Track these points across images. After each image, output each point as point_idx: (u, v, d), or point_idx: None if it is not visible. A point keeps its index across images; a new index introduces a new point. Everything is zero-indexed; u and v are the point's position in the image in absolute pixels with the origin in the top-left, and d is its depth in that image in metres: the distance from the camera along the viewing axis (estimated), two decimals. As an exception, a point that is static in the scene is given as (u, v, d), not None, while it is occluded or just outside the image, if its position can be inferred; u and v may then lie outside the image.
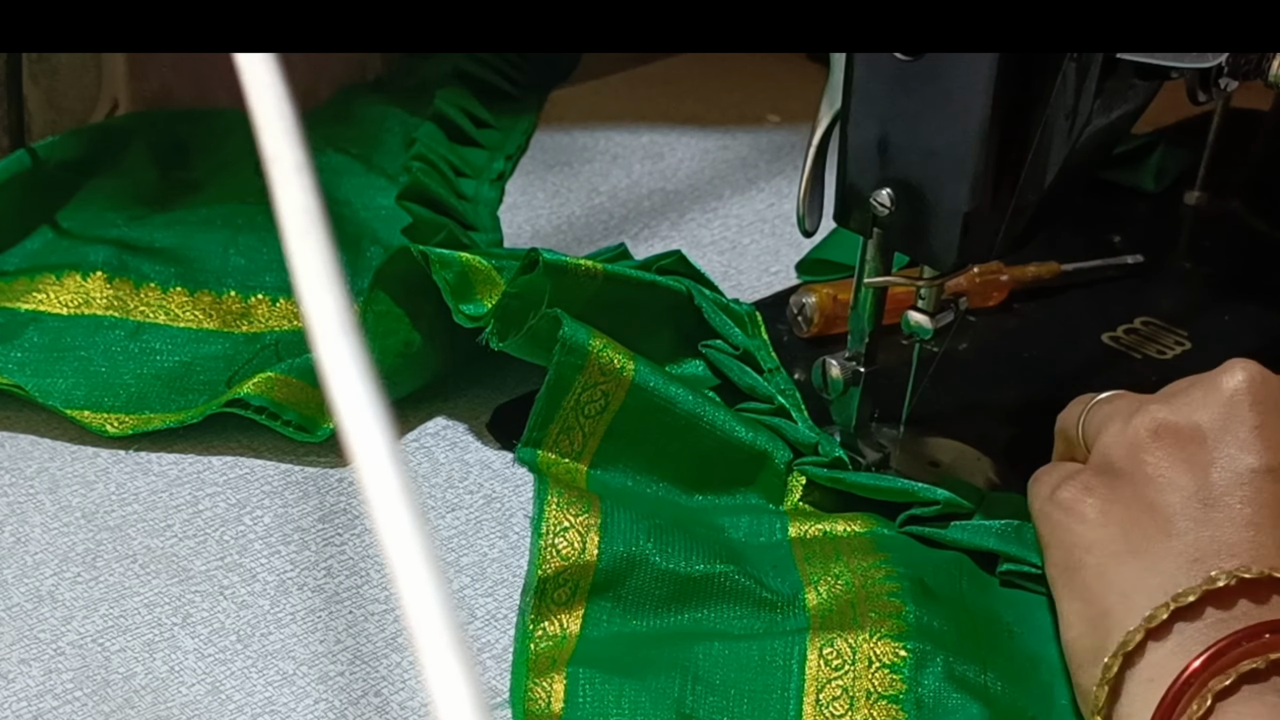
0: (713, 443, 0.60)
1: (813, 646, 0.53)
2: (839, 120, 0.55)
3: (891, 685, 0.52)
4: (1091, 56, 0.52)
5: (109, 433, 0.62)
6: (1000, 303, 0.73)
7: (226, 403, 0.61)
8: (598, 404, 0.60)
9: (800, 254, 0.77)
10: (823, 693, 0.52)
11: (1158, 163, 0.84)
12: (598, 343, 0.59)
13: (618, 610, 0.55)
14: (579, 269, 0.62)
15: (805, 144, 0.58)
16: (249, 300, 0.69)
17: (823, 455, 0.60)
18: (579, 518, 0.56)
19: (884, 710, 0.51)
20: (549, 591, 0.55)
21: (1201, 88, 0.53)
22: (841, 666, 0.53)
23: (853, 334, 0.60)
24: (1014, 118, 0.52)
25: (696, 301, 0.65)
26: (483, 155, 0.84)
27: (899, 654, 0.53)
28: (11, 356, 0.65)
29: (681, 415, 0.60)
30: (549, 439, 0.60)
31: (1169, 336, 0.72)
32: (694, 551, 0.56)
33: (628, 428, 0.60)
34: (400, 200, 0.76)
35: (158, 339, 0.67)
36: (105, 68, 0.81)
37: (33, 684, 0.51)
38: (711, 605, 0.56)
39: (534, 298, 0.61)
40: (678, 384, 0.61)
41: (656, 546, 0.56)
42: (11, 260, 0.72)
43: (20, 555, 0.57)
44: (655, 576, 0.56)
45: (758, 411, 0.63)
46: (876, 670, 0.52)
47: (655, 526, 0.56)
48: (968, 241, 0.54)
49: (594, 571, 0.55)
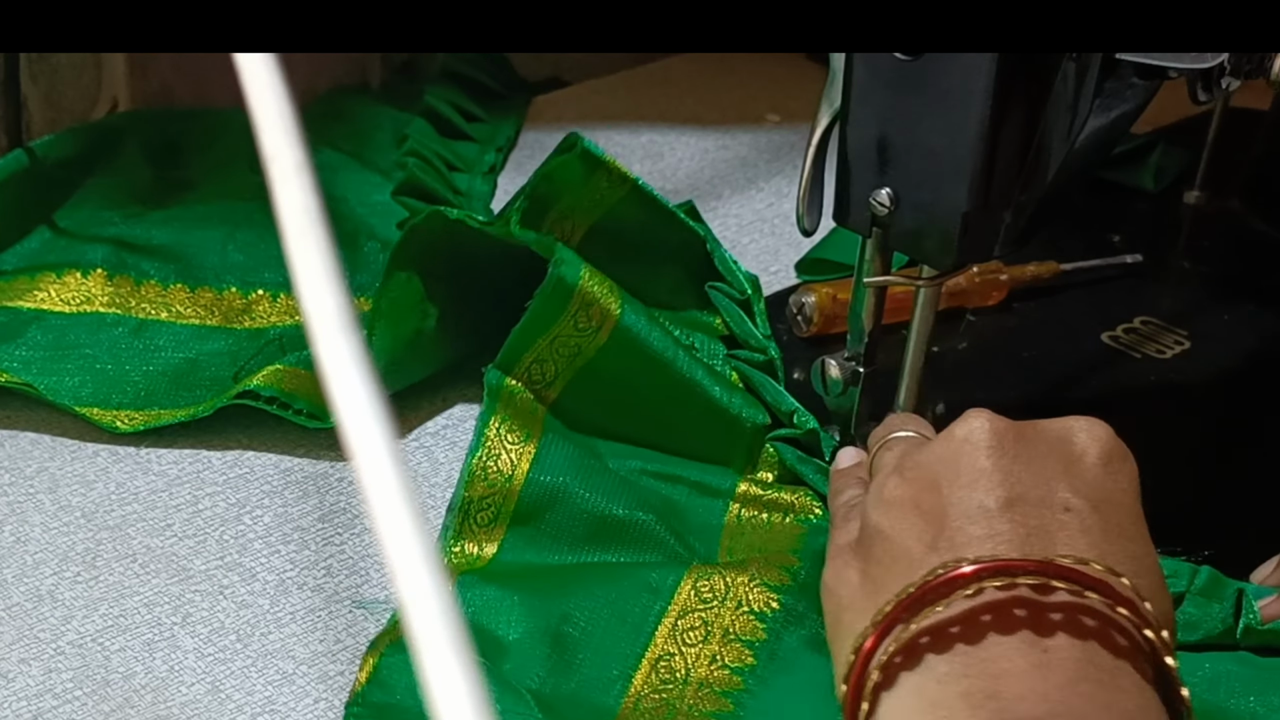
0: (686, 397, 0.60)
1: (690, 578, 0.54)
2: (838, 120, 0.55)
3: (753, 631, 0.53)
4: (1091, 56, 0.52)
5: (119, 429, 0.62)
6: (1000, 302, 0.73)
7: (237, 395, 0.62)
8: (578, 339, 0.60)
9: (800, 253, 0.77)
10: (683, 620, 0.53)
11: (1157, 162, 0.84)
12: (588, 280, 0.60)
13: (534, 543, 0.57)
14: (613, 167, 0.62)
15: (805, 144, 0.58)
16: (249, 296, 0.70)
17: (798, 426, 0.60)
18: (515, 445, 0.58)
19: (734, 650, 0.52)
20: (472, 513, 0.56)
21: (1203, 87, 0.53)
22: (711, 601, 0.54)
23: (852, 333, 0.60)
24: (1013, 118, 0.52)
25: (709, 246, 0.65)
26: (473, 149, 0.85)
27: (771, 604, 0.53)
28: (17, 355, 0.65)
29: (660, 364, 0.60)
30: (520, 366, 0.60)
31: (1168, 336, 0.72)
32: (619, 496, 0.57)
33: (604, 366, 0.60)
34: (396, 195, 0.77)
35: (161, 336, 0.67)
36: (105, 67, 0.81)
37: (32, 683, 0.51)
38: (623, 550, 0.57)
39: (565, 182, 0.62)
40: (664, 335, 0.61)
41: (584, 484, 0.57)
42: (10, 259, 0.72)
43: (20, 554, 0.57)
44: (574, 515, 0.57)
45: (749, 361, 0.63)
46: (743, 613, 0.53)
47: (589, 466, 0.57)
48: (967, 241, 0.54)
49: (517, 499, 0.57)
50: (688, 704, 0.51)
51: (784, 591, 0.54)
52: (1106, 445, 0.47)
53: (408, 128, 0.83)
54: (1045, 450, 0.47)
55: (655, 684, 0.52)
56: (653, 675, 0.52)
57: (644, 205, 0.64)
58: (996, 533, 0.45)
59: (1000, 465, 0.46)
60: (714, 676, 0.52)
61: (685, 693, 0.51)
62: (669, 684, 0.52)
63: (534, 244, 0.61)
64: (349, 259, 0.73)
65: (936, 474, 0.47)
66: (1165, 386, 0.68)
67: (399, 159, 0.80)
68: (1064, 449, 0.47)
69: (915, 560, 0.45)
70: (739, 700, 0.51)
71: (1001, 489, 0.45)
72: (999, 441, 0.46)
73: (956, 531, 0.45)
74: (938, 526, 0.45)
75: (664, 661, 0.52)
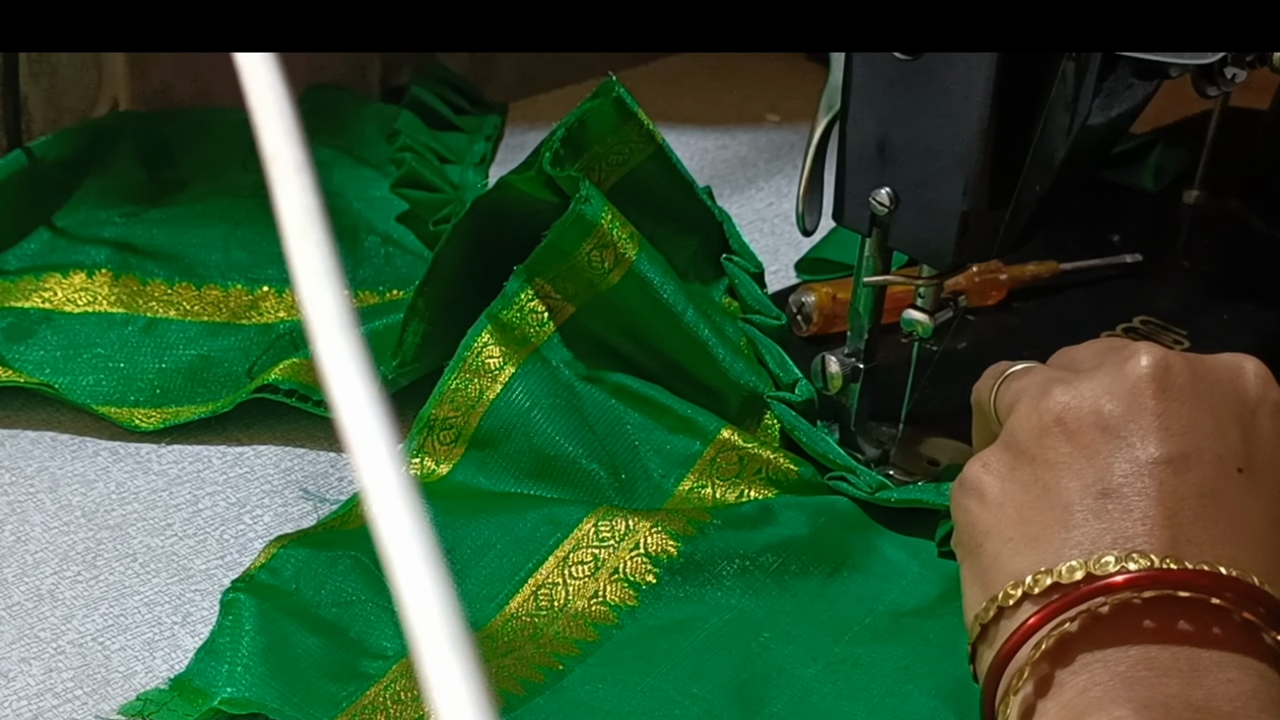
0: (688, 351, 0.61)
1: (593, 516, 0.55)
2: (838, 120, 0.55)
3: (642, 574, 0.53)
4: (1090, 55, 0.52)
5: (139, 427, 0.62)
6: (999, 302, 0.73)
7: (256, 389, 0.62)
8: (591, 275, 0.61)
9: (800, 253, 0.77)
10: (574, 554, 0.54)
11: (1156, 162, 0.84)
12: (610, 221, 0.60)
13: (485, 468, 0.58)
14: (642, 121, 0.63)
15: (804, 143, 0.58)
16: (255, 293, 0.70)
17: (799, 394, 0.60)
18: (490, 373, 0.59)
19: (619, 588, 0.53)
20: (436, 430, 0.58)
21: (1207, 81, 0.53)
22: (606, 540, 0.54)
23: (852, 332, 0.60)
24: (1013, 117, 0.52)
25: (727, 229, 0.66)
26: (462, 139, 0.85)
27: (668, 550, 0.54)
28: (31, 356, 0.65)
29: (667, 315, 0.60)
30: (545, 276, 0.61)
31: (1168, 335, 0.72)
32: (576, 436, 0.58)
33: (616, 302, 0.61)
34: (396, 189, 0.77)
35: (172, 333, 0.67)
36: (105, 67, 0.81)
37: (33, 682, 0.51)
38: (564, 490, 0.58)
39: (598, 128, 0.62)
40: (678, 290, 0.61)
41: (546, 419, 0.58)
42: (12, 260, 0.72)
43: (20, 554, 0.57)
44: (526, 449, 0.58)
45: (761, 327, 0.63)
46: (637, 555, 0.54)
47: (554, 405, 0.58)
48: (966, 240, 0.54)
49: (478, 424, 0.58)
50: (555, 630, 0.52)
51: (686, 541, 0.54)
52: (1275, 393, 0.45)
53: (394, 122, 0.84)
54: (1218, 393, 0.45)
55: (531, 609, 0.53)
56: (531, 600, 0.53)
57: (666, 172, 0.65)
58: (1167, 492, 0.43)
59: (1172, 410, 0.44)
60: (591, 610, 0.53)
61: (558, 620, 0.52)
62: (544, 610, 0.53)
63: (561, 180, 0.61)
64: (349, 254, 0.73)
65: (1102, 409, 0.44)
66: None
67: (392, 154, 0.81)
68: (1238, 392, 0.45)
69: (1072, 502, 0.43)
70: (607, 633, 0.52)
71: (1175, 441, 0.43)
72: (1172, 381, 0.44)
73: (1123, 482, 0.43)
74: (1101, 470, 0.43)
75: (545, 590, 0.53)
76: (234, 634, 0.50)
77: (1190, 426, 0.44)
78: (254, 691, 0.49)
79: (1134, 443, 0.43)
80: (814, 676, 0.51)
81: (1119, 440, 0.44)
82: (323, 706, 0.48)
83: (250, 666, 0.49)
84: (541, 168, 0.60)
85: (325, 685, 0.49)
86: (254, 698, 0.48)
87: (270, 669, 0.49)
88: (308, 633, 0.51)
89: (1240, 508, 0.43)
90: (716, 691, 0.50)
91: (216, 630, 0.51)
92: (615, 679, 0.50)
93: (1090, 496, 0.43)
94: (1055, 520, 0.44)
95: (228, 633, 0.51)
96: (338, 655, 0.50)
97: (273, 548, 0.54)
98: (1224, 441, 0.44)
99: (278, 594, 0.52)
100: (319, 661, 0.50)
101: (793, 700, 0.50)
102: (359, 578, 0.53)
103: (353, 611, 0.52)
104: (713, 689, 0.50)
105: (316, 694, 0.49)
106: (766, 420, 0.61)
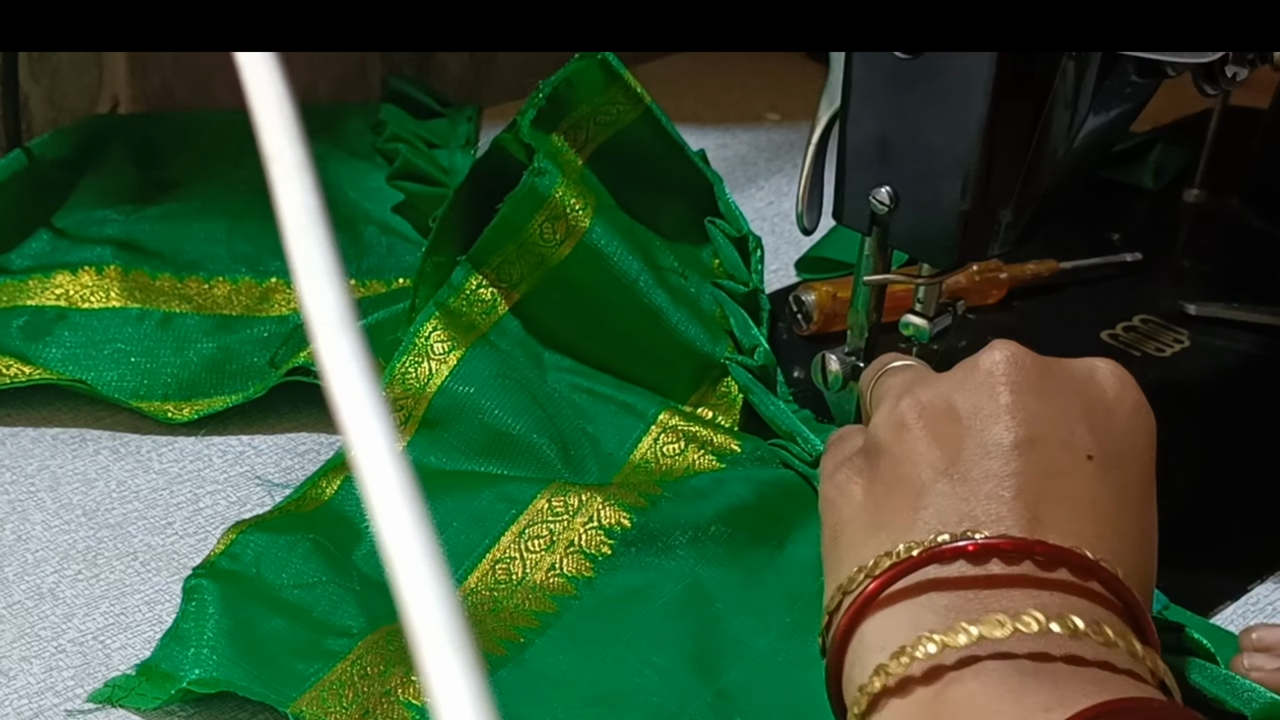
0: (640, 319, 0.62)
1: (546, 492, 0.56)
2: (838, 118, 0.55)
3: (598, 546, 0.54)
4: (1090, 54, 0.52)
5: (172, 419, 0.63)
6: (999, 300, 0.74)
7: (287, 372, 0.62)
8: (542, 249, 0.61)
9: (800, 252, 0.77)
10: (531, 528, 0.55)
11: (1156, 161, 0.84)
12: (563, 194, 0.61)
13: (436, 447, 0.59)
14: (630, 83, 0.64)
15: (805, 142, 0.58)
16: (264, 285, 0.71)
17: (757, 359, 0.61)
18: (440, 355, 0.60)
19: (575, 560, 0.54)
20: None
21: (1207, 80, 0.53)
22: (562, 514, 0.55)
23: (852, 331, 0.60)
24: (1013, 116, 0.52)
25: (717, 191, 0.66)
26: (445, 123, 0.86)
27: (622, 522, 0.55)
28: (52, 354, 0.66)
29: (619, 284, 0.61)
30: (489, 265, 0.62)
31: (1168, 334, 0.72)
32: (524, 414, 0.59)
33: (568, 278, 0.62)
34: (393, 180, 0.77)
35: (189, 327, 0.68)
36: (106, 66, 0.81)
37: (34, 681, 0.51)
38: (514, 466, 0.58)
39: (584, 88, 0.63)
40: (631, 257, 0.62)
41: (493, 400, 0.59)
42: (19, 259, 0.72)
43: (21, 553, 0.57)
44: (476, 427, 0.59)
45: (730, 292, 0.64)
46: (592, 528, 0.55)
47: (503, 386, 0.59)
48: (967, 239, 0.54)
49: (428, 405, 0.59)
50: (514, 604, 0.52)
51: (638, 513, 0.55)
52: (1133, 393, 0.47)
53: (377, 114, 0.85)
54: (1069, 389, 0.46)
55: (490, 583, 0.54)
56: (489, 575, 0.54)
57: (655, 132, 0.65)
58: (1013, 471, 0.44)
59: (1022, 401, 0.45)
60: (549, 582, 0.53)
61: (516, 593, 0.53)
62: (502, 584, 0.54)
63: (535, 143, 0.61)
64: (351, 245, 0.74)
65: (954, 402, 0.46)
66: (1164, 385, 0.68)
67: (381, 145, 0.82)
68: (1088, 390, 0.46)
69: (923, 486, 0.45)
70: (566, 604, 0.53)
71: (1023, 427, 0.44)
72: (1022, 375, 0.45)
73: (971, 464, 0.44)
74: (952, 456, 0.45)
75: (502, 564, 0.54)
76: (198, 618, 0.51)
77: (1038, 415, 0.45)
78: (221, 671, 0.49)
79: (983, 429, 0.45)
80: (768, 646, 0.52)
81: (969, 428, 0.45)
82: (291, 684, 0.49)
83: (216, 648, 0.49)
84: (518, 133, 0.62)
85: (292, 663, 0.49)
86: (222, 677, 0.49)
87: (237, 650, 0.49)
88: (272, 614, 0.51)
89: (1088, 491, 0.44)
90: (677, 660, 0.51)
91: (180, 616, 0.52)
92: (576, 649, 0.51)
93: (941, 480, 0.45)
94: (906, 505, 0.45)
95: (191, 618, 0.51)
96: (303, 635, 0.50)
97: (231, 534, 0.55)
98: (1072, 430, 0.45)
99: (239, 579, 0.53)
100: (285, 641, 0.50)
101: (749, 669, 0.51)
102: (319, 560, 0.53)
103: (315, 593, 0.52)
104: (673, 657, 0.51)
105: (284, 672, 0.49)
106: (725, 385, 0.62)
